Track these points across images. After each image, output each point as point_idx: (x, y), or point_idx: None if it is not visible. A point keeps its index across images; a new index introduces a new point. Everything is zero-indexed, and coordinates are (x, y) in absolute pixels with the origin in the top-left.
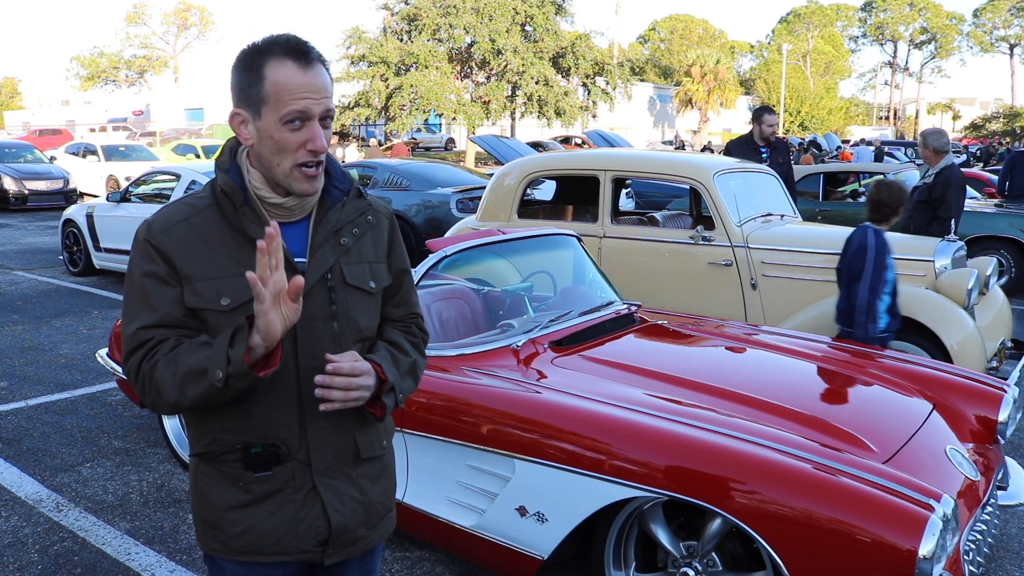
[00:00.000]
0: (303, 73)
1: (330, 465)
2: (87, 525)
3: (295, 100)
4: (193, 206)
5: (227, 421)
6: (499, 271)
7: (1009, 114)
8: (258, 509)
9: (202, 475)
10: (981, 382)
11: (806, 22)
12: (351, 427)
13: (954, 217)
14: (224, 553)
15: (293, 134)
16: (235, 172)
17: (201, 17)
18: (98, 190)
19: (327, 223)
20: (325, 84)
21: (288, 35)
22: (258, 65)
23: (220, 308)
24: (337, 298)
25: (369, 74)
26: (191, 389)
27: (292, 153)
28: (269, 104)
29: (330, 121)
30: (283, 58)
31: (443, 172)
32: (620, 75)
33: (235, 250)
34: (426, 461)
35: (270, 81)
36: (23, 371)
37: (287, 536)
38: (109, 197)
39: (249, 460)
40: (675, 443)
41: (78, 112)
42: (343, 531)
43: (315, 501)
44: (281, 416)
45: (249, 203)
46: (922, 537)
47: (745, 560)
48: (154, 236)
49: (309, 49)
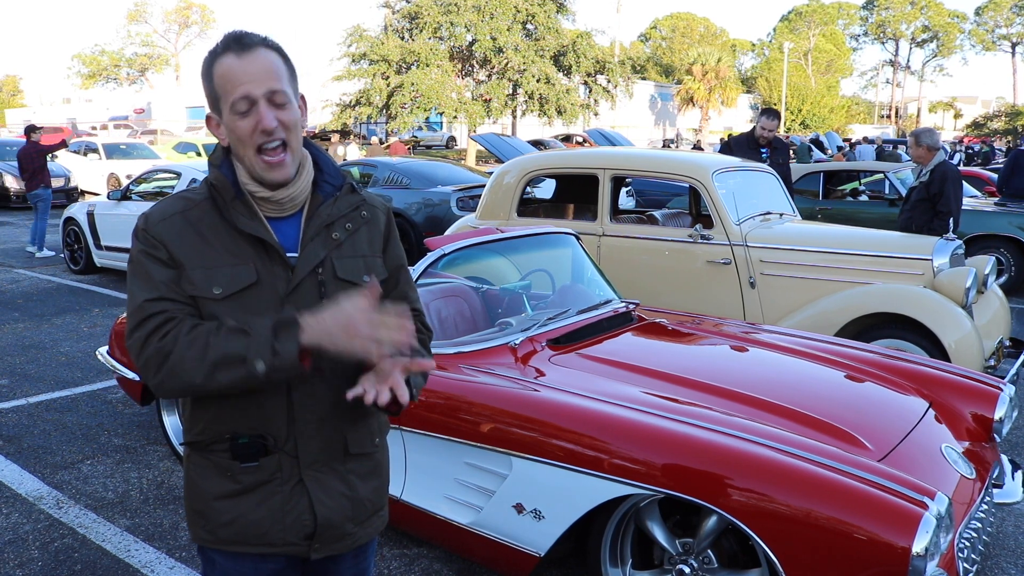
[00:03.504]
0: (240, 60)
1: (318, 459)
2: (87, 522)
3: (236, 87)
4: (189, 200)
5: (218, 411)
6: (498, 269)
7: (1011, 112)
8: (245, 499)
9: (193, 464)
10: (977, 380)
11: (808, 20)
12: (341, 422)
13: (954, 212)
14: (213, 543)
15: (244, 121)
16: (227, 168)
17: (202, 15)
18: (99, 188)
19: (318, 218)
20: (266, 66)
21: (231, 31)
22: (209, 67)
23: (213, 296)
24: (328, 292)
25: (370, 72)
26: (224, 374)
27: (248, 140)
28: (222, 99)
29: (287, 104)
30: (224, 53)
31: (443, 170)
32: (621, 73)
33: (228, 243)
34: (424, 459)
35: (216, 77)
36: (24, 369)
37: (273, 528)
38: (110, 195)
39: (237, 450)
40: (671, 441)
41: (79, 110)
42: (329, 526)
43: (302, 494)
44: (270, 408)
45: (240, 198)
46: (916, 534)
47: (740, 557)
48: (151, 226)
49: (246, 35)
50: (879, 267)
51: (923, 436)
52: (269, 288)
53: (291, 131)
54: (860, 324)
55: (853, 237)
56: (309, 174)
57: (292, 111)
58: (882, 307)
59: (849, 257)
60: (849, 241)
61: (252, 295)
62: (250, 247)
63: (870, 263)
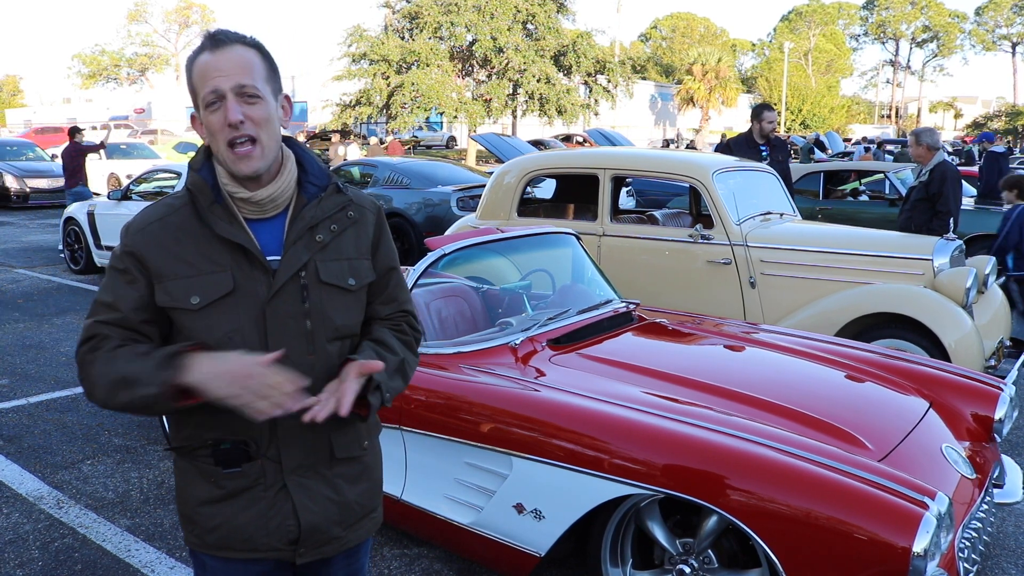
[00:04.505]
0: (212, 56)
1: (301, 464)
2: (87, 522)
3: (206, 82)
4: (170, 206)
5: (202, 417)
6: (498, 269)
7: (1011, 112)
8: (230, 505)
9: (180, 470)
10: (978, 380)
11: (808, 20)
12: (325, 427)
13: (953, 212)
14: (202, 547)
15: (214, 115)
16: (207, 171)
17: (203, 15)
18: (99, 188)
19: (302, 219)
20: (237, 61)
21: (210, 30)
22: (189, 66)
23: (190, 307)
24: (310, 296)
25: (370, 72)
26: (122, 395)
27: (219, 134)
28: (197, 96)
29: (257, 99)
30: (201, 51)
31: (444, 170)
32: (622, 73)
33: (207, 248)
34: (424, 459)
35: (194, 74)
36: (24, 369)
37: (258, 533)
38: (110, 195)
39: (219, 456)
40: (671, 441)
41: (79, 110)
42: (314, 531)
43: (285, 500)
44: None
45: (220, 201)
46: (916, 534)
47: (741, 557)
48: (130, 237)
49: (222, 33)
50: (879, 267)
51: (923, 436)
52: (249, 295)
53: (261, 127)
54: (860, 324)
55: (853, 237)
56: (291, 174)
57: (263, 107)
58: (882, 307)
59: (849, 257)
60: (849, 241)
61: (230, 303)
62: (229, 252)
63: (870, 263)
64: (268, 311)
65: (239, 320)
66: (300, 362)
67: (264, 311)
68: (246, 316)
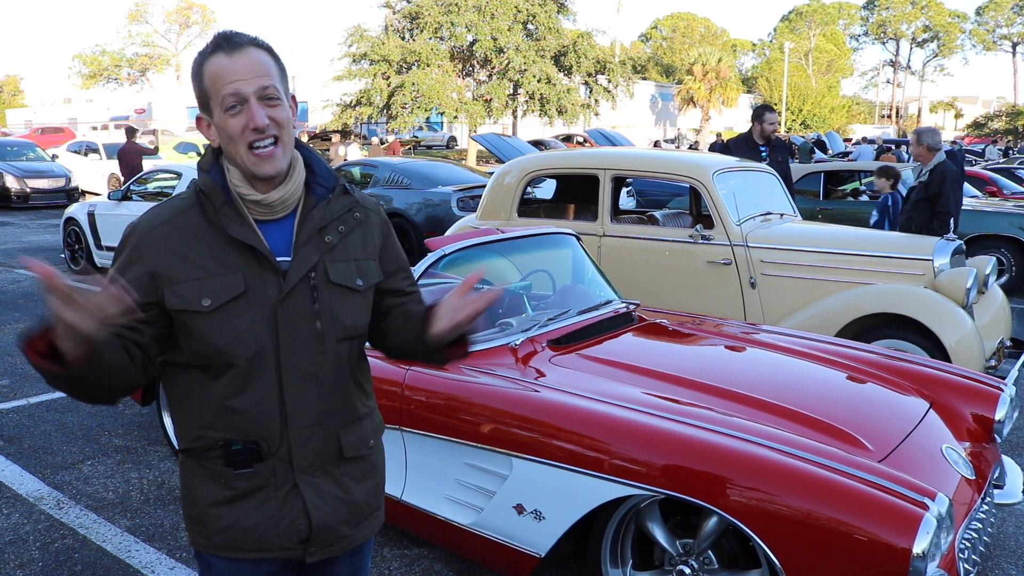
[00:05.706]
0: (230, 59)
1: (312, 463)
2: (88, 523)
3: (226, 85)
4: (177, 207)
5: (211, 418)
6: (498, 270)
7: (1011, 112)
8: (240, 506)
9: (187, 471)
10: (978, 381)
11: (808, 20)
12: (334, 426)
13: (953, 212)
14: (209, 548)
15: (235, 119)
16: (217, 172)
17: (203, 15)
18: (100, 188)
19: (311, 221)
20: (255, 64)
21: (221, 31)
22: (199, 68)
23: (202, 309)
24: (320, 297)
25: (371, 72)
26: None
27: (240, 138)
28: (212, 98)
29: (276, 100)
30: (213, 53)
31: (444, 170)
32: (622, 73)
33: (217, 250)
34: (424, 459)
35: (206, 76)
36: (25, 369)
37: (269, 533)
38: (111, 195)
39: (230, 457)
40: (672, 442)
41: (80, 110)
42: (325, 529)
43: (296, 499)
44: (263, 414)
45: (230, 203)
46: (916, 535)
47: (741, 558)
48: (138, 238)
49: (235, 35)
50: (879, 267)
51: (924, 437)
52: (260, 296)
53: (283, 128)
54: (860, 324)
55: (853, 237)
56: (301, 175)
57: (283, 109)
58: (882, 307)
59: (849, 257)
60: (849, 241)
61: (242, 305)
62: (239, 254)
63: (870, 263)
64: (279, 312)
65: (251, 321)
66: (310, 362)
67: (275, 312)
68: (258, 317)
